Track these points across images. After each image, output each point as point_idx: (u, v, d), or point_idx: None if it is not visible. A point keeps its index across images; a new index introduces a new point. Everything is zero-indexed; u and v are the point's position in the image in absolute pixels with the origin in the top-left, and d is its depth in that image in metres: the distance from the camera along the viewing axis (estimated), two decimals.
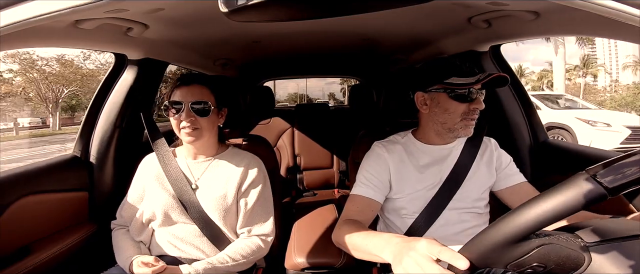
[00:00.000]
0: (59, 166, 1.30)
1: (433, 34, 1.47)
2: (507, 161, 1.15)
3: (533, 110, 1.50)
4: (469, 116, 1.02)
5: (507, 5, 0.95)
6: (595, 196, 0.44)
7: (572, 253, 0.49)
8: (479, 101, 1.01)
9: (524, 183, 1.12)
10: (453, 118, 1.03)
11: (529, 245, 0.49)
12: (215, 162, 1.17)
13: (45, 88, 21.76)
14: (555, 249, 0.49)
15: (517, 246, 0.49)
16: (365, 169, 1.11)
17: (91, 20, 0.93)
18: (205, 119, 1.09)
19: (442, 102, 1.03)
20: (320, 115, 2.76)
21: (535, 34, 1.15)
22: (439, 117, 1.06)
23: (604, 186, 0.44)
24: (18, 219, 1.09)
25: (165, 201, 1.09)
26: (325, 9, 0.73)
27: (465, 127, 1.03)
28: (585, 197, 0.45)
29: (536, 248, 0.49)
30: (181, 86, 1.10)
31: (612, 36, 0.90)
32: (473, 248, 0.53)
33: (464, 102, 1.01)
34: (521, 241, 0.49)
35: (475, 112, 1.02)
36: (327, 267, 1.26)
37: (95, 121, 1.41)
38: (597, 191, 0.44)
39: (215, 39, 1.50)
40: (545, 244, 0.49)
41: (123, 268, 1.05)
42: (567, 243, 0.49)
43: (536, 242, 0.49)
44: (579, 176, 0.46)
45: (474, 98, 1.00)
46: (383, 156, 1.11)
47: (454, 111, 1.02)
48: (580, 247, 0.49)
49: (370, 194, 1.06)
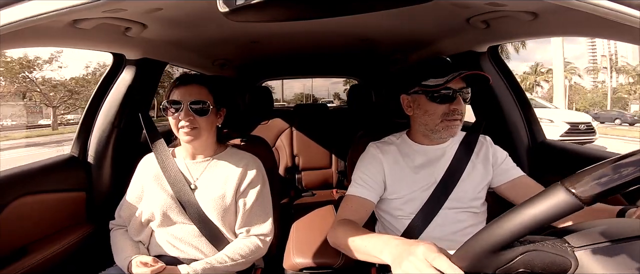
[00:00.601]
0: (57, 166, 1.29)
1: (431, 35, 1.47)
2: (502, 157, 1.15)
3: (531, 110, 1.50)
4: (449, 117, 1.02)
5: (505, 5, 0.95)
6: (571, 207, 0.45)
7: (557, 258, 0.50)
8: (459, 101, 1.01)
9: (522, 177, 1.12)
10: (433, 119, 1.04)
11: (513, 253, 0.51)
12: (214, 162, 1.17)
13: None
14: (539, 256, 0.50)
15: (502, 253, 0.51)
16: (360, 170, 1.12)
17: (89, 20, 0.92)
18: (204, 118, 1.09)
19: (422, 104, 1.05)
20: (319, 115, 2.76)
21: (533, 35, 1.15)
22: (421, 119, 1.07)
23: (578, 197, 0.45)
24: (15, 219, 1.09)
25: (164, 201, 1.09)
26: (323, 9, 0.73)
27: (447, 128, 1.03)
28: (560, 209, 0.46)
29: (520, 255, 0.51)
30: (180, 85, 1.10)
31: (610, 37, 0.90)
32: (463, 255, 0.55)
33: (443, 103, 1.01)
34: (504, 249, 0.51)
35: (456, 113, 1.02)
36: (325, 267, 1.26)
37: (93, 121, 1.41)
38: (572, 202, 0.45)
39: (213, 39, 1.50)
40: (529, 250, 0.51)
41: (121, 268, 1.05)
42: (553, 248, 0.51)
43: (520, 249, 0.51)
44: (555, 187, 0.47)
45: (453, 98, 1.01)
46: (377, 157, 1.12)
47: (433, 112, 1.03)
48: (566, 252, 0.50)
49: (365, 194, 1.07)
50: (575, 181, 0.46)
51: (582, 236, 0.51)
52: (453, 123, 1.03)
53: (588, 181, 0.45)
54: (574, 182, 0.46)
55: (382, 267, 1.15)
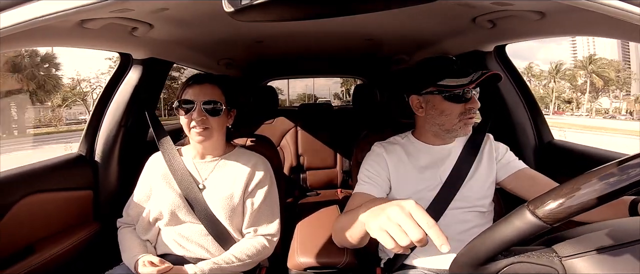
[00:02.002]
0: (64, 165, 1.31)
1: (437, 34, 1.46)
2: (503, 151, 1.15)
3: (538, 110, 1.49)
4: (466, 116, 1.02)
5: (511, 5, 0.94)
6: (536, 229, 0.47)
7: (543, 268, 0.50)
8: (474, 100, 1.02)
9: (524, 169, 1.11)
10: (451, 119, 1.03)
11: (497, 266, 0.52)
12: (223, 162, 1.17)
13: None
14: (524, 268, 0.51)
15: (485, 268, 0.52)
16: (365, 168, 1.12)
17: (96, 20, 0.93)
18: (216, 119, 1.09)
19: (438, 104, 1.04)
20: (323, 115, 2.75)
21: (540, 35, 1.14)
22: (436, 120, 1.06)
23: (541, 220, 0.46)
24: (23, 217, 1.10)
25: (172, 201, 1.09)
26: (328, 9, 0.73)
27: (464, 127, 1.04)
28: (526, 231, 0.47)
29: (504, 268, 0.51)
30: (193, 84, 1.10)
31: (618, 36, 0.89)
32: (455, 267, 0.56)
33: (460, 103, 1.01)
34: (487, 263, 0.52)
35: (472, 111, 1.02)
36: (329, 267, 1.26)
37: (100, 120, 1.42)
38: (537, 224, 0.46)
39: (219, 38, 1.51)
40: (514, 263, 0.51)
41: (128, 267, 1.05)
42: (539, 259, 0.51)
43: (504, 262, 0.52)
44: (522, 209, 0.48)
45: (469, 98, 1.01)
46: (382, 156, 1.12)
47: (450, 112, 1.03)
48: (552, 262, 0.50)
49: (371, 191, 1.06)
50: (539, 204, 0.47)
51: (569, 245, 0.52)
52: (470, 121, 1.04)
53: (552, 205, 0.45)
54: (538, 205, 0.47)
55: (387, 266, 1.15)
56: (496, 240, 0.50)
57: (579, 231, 0.54)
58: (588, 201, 0.44)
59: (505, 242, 0.49)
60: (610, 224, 0.55)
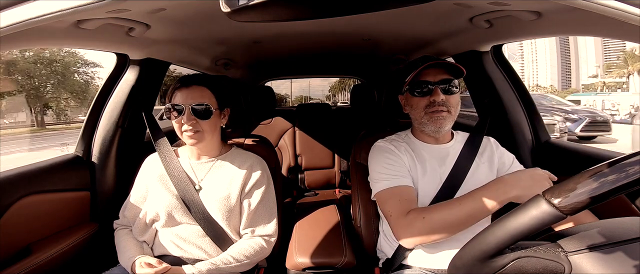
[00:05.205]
0: (61, 166, 1.30)
1: (434, 34, 1.46)
2: (510, 160, 1.15)
3: (535, 110, 1.49)
4: (430, 109, 1.05)
5: (508, 5, 0.95)
6: (552, 218, 0.47)
7: (550, 263, 0.51)
8: (437, 92, 1.03)
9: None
10: (418, 113, 1.08)
11: (504, 259, 0.52)
12: (219, 162, 1.17)
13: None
14: (531, 262, 0.51)
15: (493, 261, 0.52)
16: (380, 165, 1.08)
17: (93, 20, 0.93)
18: (207, 121, 1.08)
19: (409, 100, 1.11)
20: (321, 115, 2.75)
21: (537, 34, 1.14)
22: (412, 115, 1.12)
23: (558, 209, 0.46)
24: (20, 218, 1.09)
25: (169, 202, 1.09)
26: (326, 9, 0.73)
27: (431, 121, 1.06)
28: (542, 220, 0.47)
29: (512, 261, 0.52)
30: (181, 87, 1.09)
31: (614, 36, 0.89)
32: (457, 263, 0.57)
33: (424, 96, 1.05)
34: (495, 257, 0.52)
35: (435, 105, 1.04)
36: (328, 267, 1.26)
37: (97, 121, 1.41)
38: (553, 213, 0.46)
39: (216, 39, 1.51)
40: (521, 257, 0.52)
41: (125, 268, 1.05)
42: (545, 253, 0.51)
43: (511, 256, 0.52)
44: (537, 198, 0.48)
45: (431, 90, 1.04)
46: (392, 150, 1.11)
47: (417, 106, 1.08)
48: (558, 256, 0.51)
49: (405, 182, 1.03)
50: (556, 193, 0.47)
51: (575, 240, 0.52)
52: (436, 115, 1.05)
53: (568, 194, 0.46)
54: (555, 193, 0.47)
55: (385, 265, 1.15)
56: (509, 230, 0.49)
57: (585, 227, 0.55)
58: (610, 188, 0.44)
59: (519, 232, 0.49)
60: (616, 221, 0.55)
